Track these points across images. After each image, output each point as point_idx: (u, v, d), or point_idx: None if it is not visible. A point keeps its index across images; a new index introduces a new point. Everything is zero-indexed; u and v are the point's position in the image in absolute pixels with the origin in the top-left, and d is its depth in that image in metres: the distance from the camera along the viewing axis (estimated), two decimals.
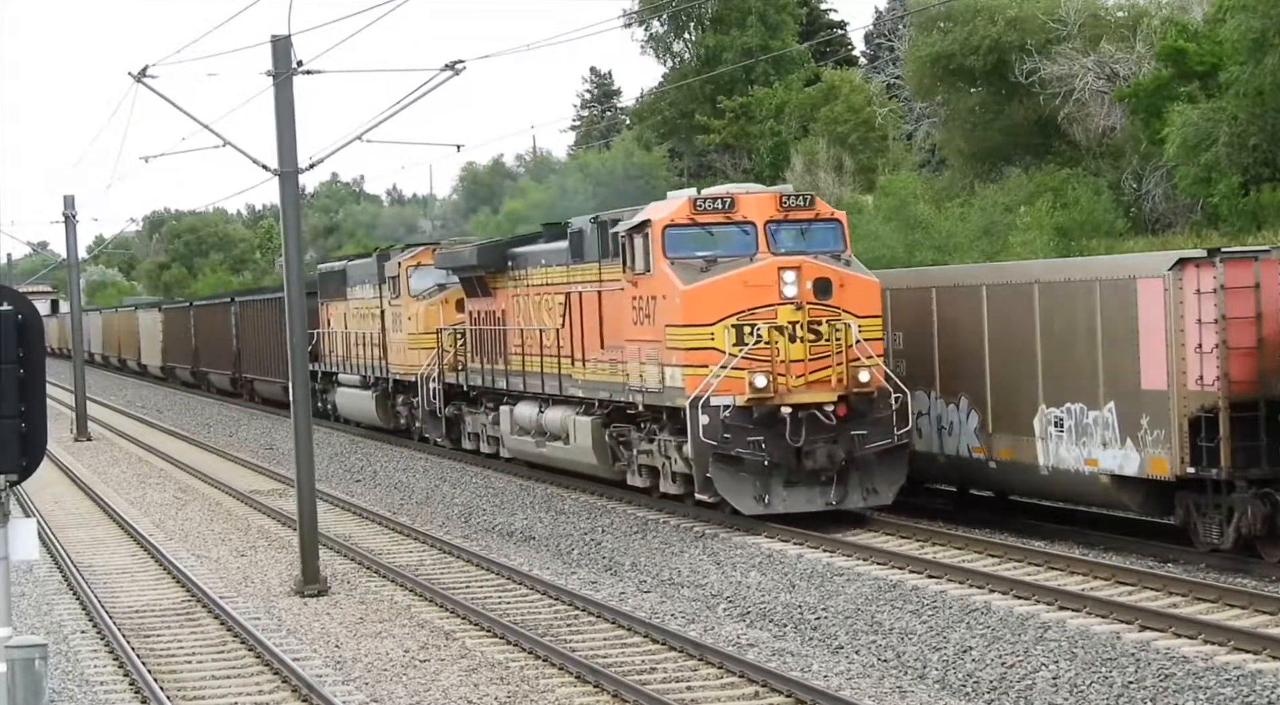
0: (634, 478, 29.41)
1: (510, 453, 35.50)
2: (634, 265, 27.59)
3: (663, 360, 26.98)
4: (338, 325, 49.24)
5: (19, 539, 12.70)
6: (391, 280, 42.71)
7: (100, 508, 35.33)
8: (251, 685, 18.34)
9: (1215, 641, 17.46)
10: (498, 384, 35.41)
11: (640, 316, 27.65)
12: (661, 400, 27.22)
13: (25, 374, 12.19)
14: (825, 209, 27.50)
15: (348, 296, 47.85)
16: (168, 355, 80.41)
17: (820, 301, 26.16)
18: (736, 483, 25.89)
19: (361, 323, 46.10)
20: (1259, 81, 41.17)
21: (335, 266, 51.28)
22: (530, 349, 33.26)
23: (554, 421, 31.94)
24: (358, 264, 47.83)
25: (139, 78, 27.03)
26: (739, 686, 17.06)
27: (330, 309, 50.16)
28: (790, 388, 25.86)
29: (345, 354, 47.95)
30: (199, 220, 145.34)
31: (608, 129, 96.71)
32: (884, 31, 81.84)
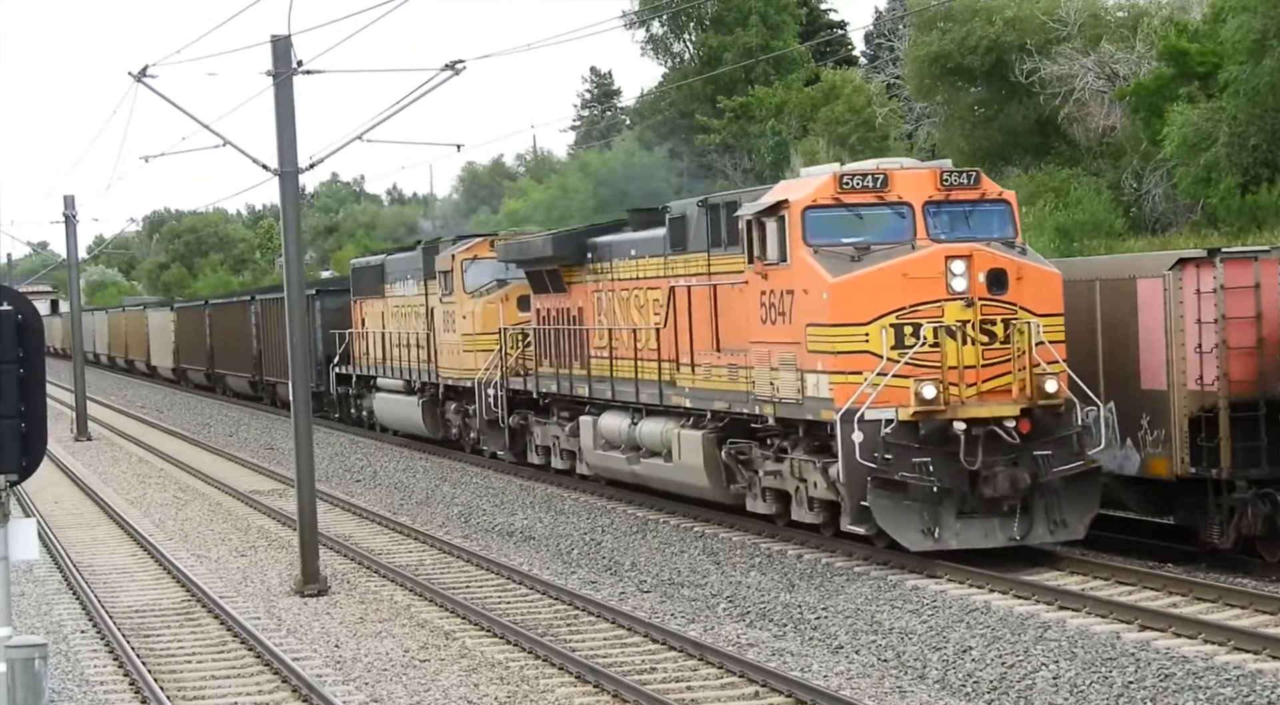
0: (755, 502, 25.57)
1: (592, 470, 31.60)
2: (764, 254, 23.78)
3: (802, 365, 23.16)
4: (374, 325, 45.73)
5: (19, 539, 12.71)
6: (443, 275, 38.70)
7: (100, 508, 35.33)
8: (251, 685, 18.35)
9: (1215, 641, 17.47)
10: (577, 391, 31.64)
11: (772, 314, 23.87)
12: (799, 412, 23.43)
13: (25, 374, 12.20)
14: (992, 187, 23.75)
15: (386, 293, 44.42)
16: (180, 357, 77.14)
17: (994, 297, 22.41)
18: (900, 513, 21.93)
19: (403, 322, 42.63)
20: (1258, 81, 41.19)
21: (371, 261, 47.54)
22: (621, 351, 29.75)
23: (652, 435, 28.27)
24: (398, 258, 44.25)
25: (139, 78, 27.04)
26: (739, 686, 17.07)
27: (365, 307, 46.82)
28: (964, 399, 22.13)
29: (383, 356, 44.58)
30: (199, 220, 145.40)
31: (608, 129, 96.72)
32: (884, 31, 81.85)
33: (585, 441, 31.16)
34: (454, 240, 39.47)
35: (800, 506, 24.07)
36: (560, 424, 33.10)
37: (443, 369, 39.10)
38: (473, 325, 37.15)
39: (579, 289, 31.78)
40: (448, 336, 38.72)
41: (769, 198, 23.91)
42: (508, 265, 35.86)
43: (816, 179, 23.79)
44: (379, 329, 44.89)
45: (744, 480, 25.70)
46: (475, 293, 37.40)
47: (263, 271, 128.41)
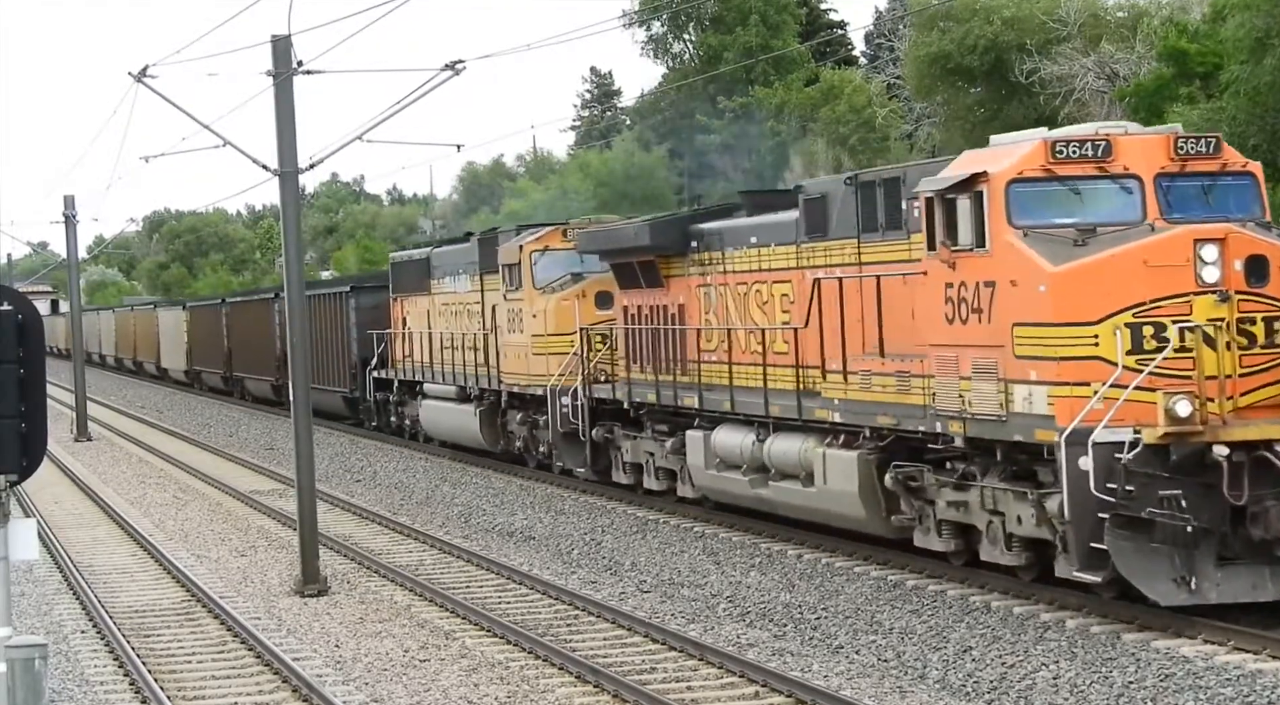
0: (927, 537, 21.47)
1: (702, 492, 27.67)
2: (952, 238, 19.81)
3: (1007, 374, 19.08)
4: (418, 324, 41.81)
5: (19, 539, 12.71)
6: (507, 269, 34.64)
7: (100, 508, 35.33)
8: (251, 685, 18.34)
9: (1215, 641, 17.45)
10: (683, 401, 27.60)
11: (963, 311, 19.83)
12: (1002, 432, 19.29)
13: (25, 374, 12.20)
14: (1235, 157, 19.80)
15: (432, 290, 40.53)
16: (194, 358, 73.06)
17: (1254, 290, 18.51)
18: (1146, 558, 17.85)
19: (454, 321, 38.82)
20: (1259, 81, 41.17)
21: (414, 255, 43.52)
22: (742, 356, 25.91)
23: (786, 454, 24.31)
24: (447, 250, 40.39)
25: (139, 78, 27.05)
26: (739, 686, 17.06)
27: (406, 305, 42.95)
28: (1225, 418, 18.10)
29: (429, 360, 40.44)
30: (199, 220, 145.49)
31: (608, 129, 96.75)
32: (884, 31, 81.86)
33: (694, 460, 27.14)
34: (517, 230, 35.83)
35: (993, 544, 20.10)
36: (657, 439, 29.03)
37: (506, 374, 35.19)
38: (544, 325, 33.30)
39: (679, 283, 28.06)
40: (513, 337, 34.75)
41: (957, 169, 20.08)
42: (582, 257, 32.46)
43: (1021, 146, 19.80)
44: (424, 329, 41.09)
45: (911, 511, 21.55)
46: (546, 288, 33.52)
47: (263, 271, 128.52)
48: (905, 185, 21.37)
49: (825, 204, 23.46)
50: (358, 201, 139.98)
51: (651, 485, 29.60)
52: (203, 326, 70.64)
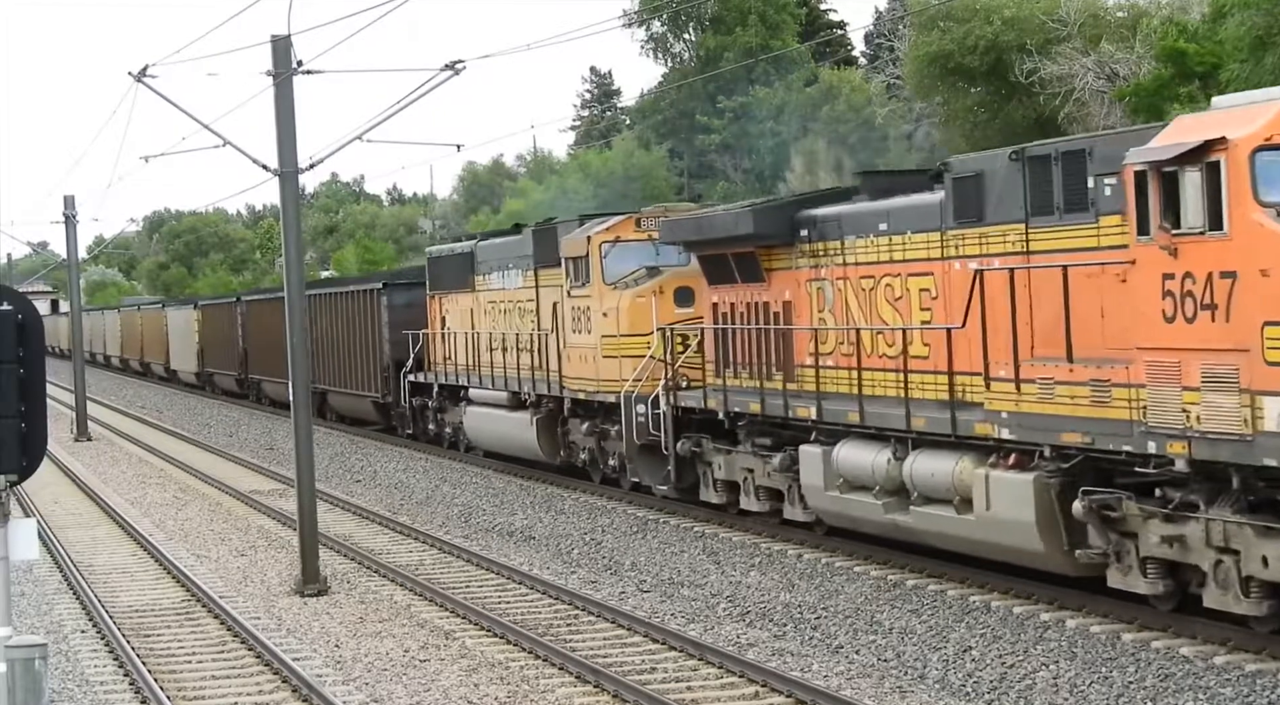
0: (1128, 577, 18.28)
1: (818, 515, 24.26)
2: (1174, 220, 16.70)
3: (1254, 383, 15.89)
4: (459, 324, 38.71)
5: (19, 539, 12.71)
6: (572, 263, 31.39)
7: (100, 508, 35.33)
8: (251, 685, 18.34)
9: (1215, 641, 17.44)
10: (795, 411, 24.18)
11: (1189, 308, 16.61)
12: (1248, 454, 16.06)
13: (25, 374, 12.19)
14: None
15: (476, 286, 37.37)
16: (207, 360, 69.38)
17: None
18: None
19: (503, 320, 35.69)
20: (1259, 80, 41.19)
21: (456, 248, 40.01)
22: (872, 359, 22.73)
23: (933, 476, 20.88)
24: (495, 244, 37.13)
25: (139, 78, 27.05)
26: (739, 686, 17.06)
27: (446, 303, 39.83)
28: None
29: (472, 362, 37.42)
30: (199, 220, 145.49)
31: (608, 129, 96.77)
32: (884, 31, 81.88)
33: (810, 479, 23.75)
34: (580, 220, 32.53)
35: (1223, 589, 16.95)
36: (759, 454, 25.69)
37: (569, 379, 31.88)
38: (616, 324, 30.01)
39: (785, 277, 24.96)
40: (578, 338, 31.43)
41: (1178, 136, 16.87)
42: (658, 248, 29.92)
43: (1264, 107, 16.45)
44: (466, 329, 38.04)
45: (1105, 545, 18.33)
46: (618, 283, 30.27)
47: (263, 271, 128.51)
48: (1092, 159, 18.45)
49: (980, 184, 20.31)
50: (358, 201, 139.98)
51: (750, 506, 26.20)
52: (216, 326, 67.25)
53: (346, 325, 47.22)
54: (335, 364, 49.10)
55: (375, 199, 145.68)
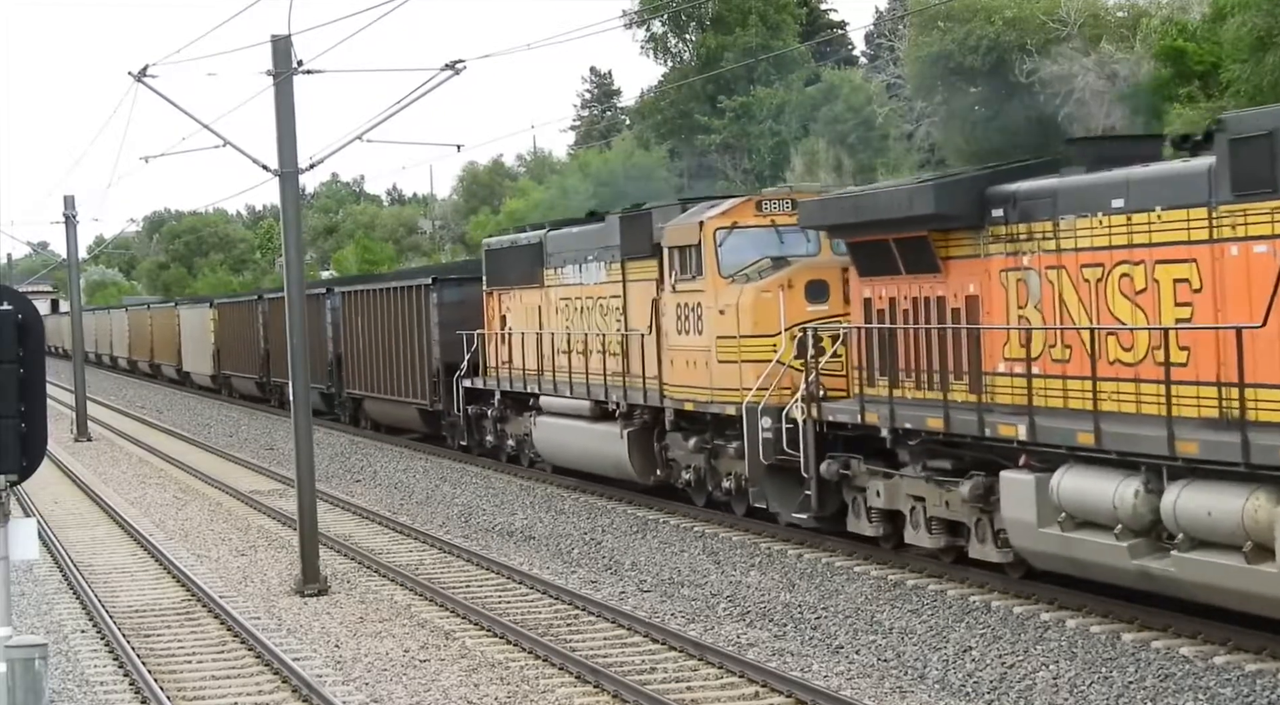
0: None
1: (1024, 555, 20.05)
2: None
3: None
4: (524, 322, 34.89)
5: (19, 539, 12.70)
6: (678, 253, 27.30)
7: (100, 508, 35.33)
8: (251, 685, 18.34)
9: (1215, 641, 17.45)
10: (997, 429, 19.96)
11: None
12: None
13: (25, 374, 12.19)
14: None
15: (546, 281, 33.57)
16: (223, 362, 65.38)
17: None
18: None
19: (580, 319, 31.95)
20: (1260, 80, 41.21)
21: (520, 239, 35.86)
22: (1113, 367, 18.70)
23: (1212, 515, 16.66)
24: (570, 234, 32.95)
25: (139, 78, 27.05)
26: (739, 686, 17.06)
27: (506, 300, 35.99)
28: None
29: (541, 366, 33.46)
30: (199, 220, 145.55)
31: (608, 129, 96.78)
32: (884, 31, 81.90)
33: (1015, 513, 19.56)
34: (682, 204, 28.81)
35: None
36: (935, 481, 21.59)
37: (672, 387, 27.84)
38: (736, 323, 25.83)
39: (968, 266, 21.23)
40: (684, 340, 27.37)
41: None
42: (781, 236, 26.23)
43: None
44: (533, 329, 34.16)
45: None
46: (737, 276, 26.15)
47: (263, 271, 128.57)
48: None
49: (1273, 146, 16.38)
50: (358, 201, 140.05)
51: (919, 541, 22.09)
52: (234, 326, 62.78)
53: (389, 325, 43.27)
54: (374, 368, 44.91)
55: (375, 199, 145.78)
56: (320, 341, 48.96)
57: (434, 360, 40.07)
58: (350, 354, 47.20)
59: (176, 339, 74.85)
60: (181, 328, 73.64)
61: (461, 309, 39.17)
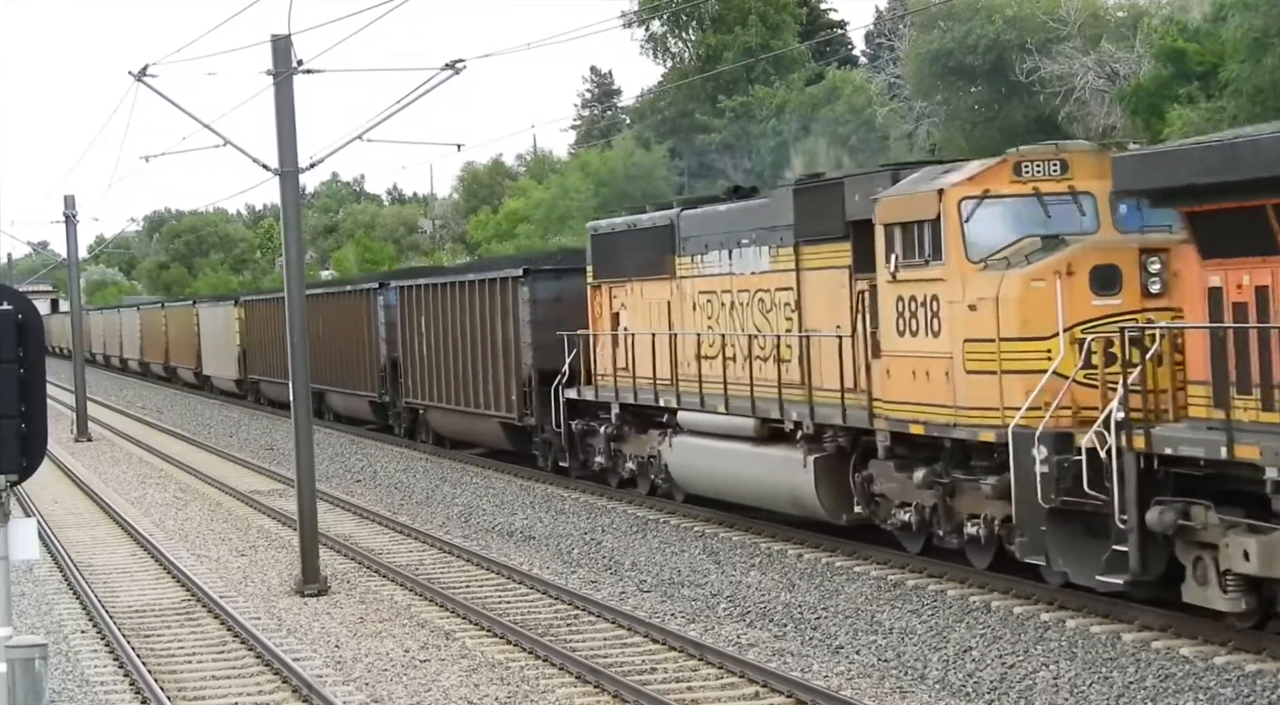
0: None
1: None
2: None
3: None
4: (645, 320, 29.50)
5: (19, 539, 12.70)
6: (903, 230, 21.21)
7: (100, 508, 35.33)
8: (251, 685, 18.34)
9: (1215, 641, 17.45)
10: None
11: None
12: None
13: (25, 374, 12.19)
14: None
15: (678, 271, 28.17)
16: (249, 366, 59.82)
17: None
18: None
19: (729, 317, 26.67)
20: (1259, 80, 41.23)
21: (641, 221, 29.97)
22: None
23: None
24: (714, 212, 27.50)
25: (139, 77, 27.05)
26: (739, 687, 17.06)
27: (620, 295, 30.61)
28: None
29: (675, 375, 28.06)
30: (199, 220, 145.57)
31: (608, 128, 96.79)
32: (884, 31, 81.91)
33: None
34: (892, 172, 22.75)
35: None
36: None
37: (889, 405, 21.91)
38: (995, 322, 19.87)
39: None
40: (909, 343, 21.35)
41: None
42: (1047, 207, 20.51)
43: None
44: (658, 328, 28.88)
45: None
46: (993, 260, 20.26)
47: (262, 271, 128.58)
48: None
49: None
50: (358, 201, 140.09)
51: None
52: (264, 326, 56.32)
53: (462, 325, 37.57)
54: (442, 374, 39.09)
55: (375, 199, 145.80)
56: (369, 343, 44.90)
57: (524, 366, 34.21)
58: (410, 358, 41.18)
59: (195, 340, 69.83)
60: (201, 328, 68.52)
61: (557, 307, 33.36)
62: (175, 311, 76.62)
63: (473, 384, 37.01)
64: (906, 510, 22.22)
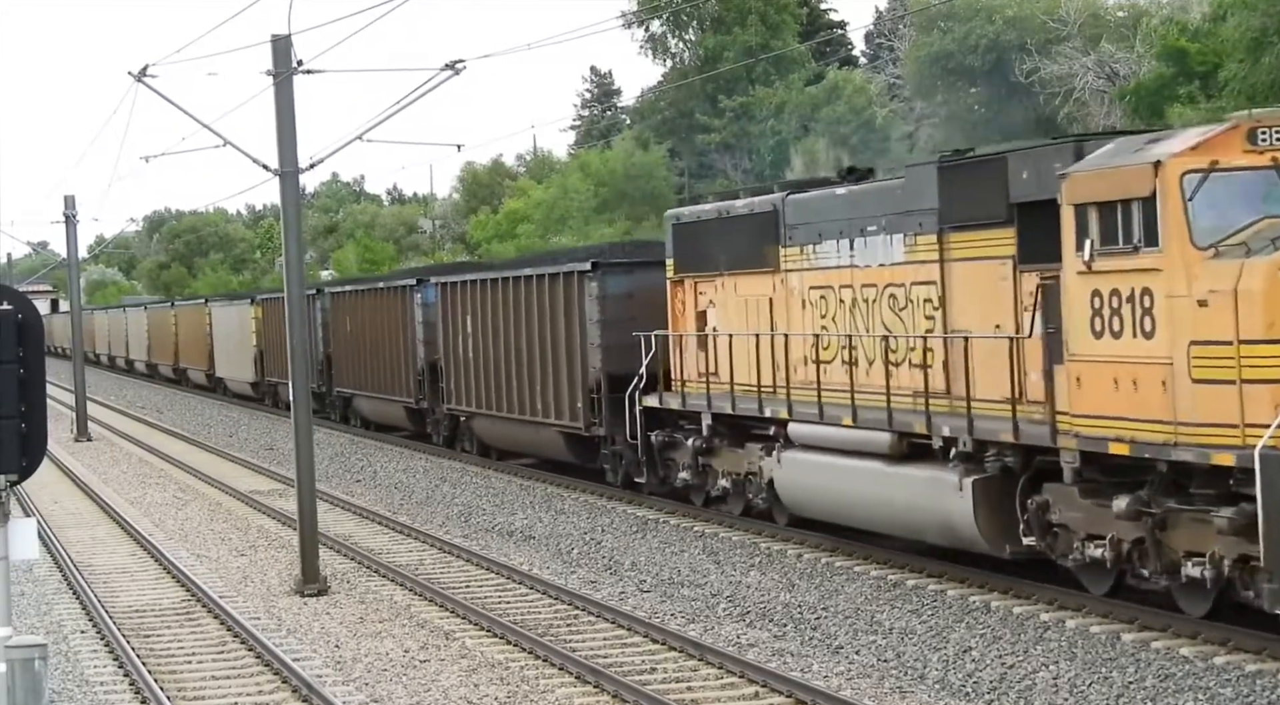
0: None
1: None
2: None
3: None
4: (738, 319, 26.31)
5: (19, 539, 12.71)
6: (1102, 211, 17.97)
7: (100, 508, 35.32)
8: (251, 685, 18.34)
9: (1214, 641, 17.45)
10: None
11: None
12: None
13: (25, 374, 12.20)
14: None
15: (783, 264, 24.92)
16: (267, 367, 56.58)
17: None
18: None
19: (850, 316, 23.46)
20: (1257, 79, 41.25)
21: (735, 207, 26.67)
22: None
23: None
24: (830, 196, 24.18)
25: (139, 77, 27.07)
26: (739, 687, 17.06)
27: (710, 290, 27.38)
28: None
29: (778, 381, 24.93)
30: (199, 220, 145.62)
31: (608, 129, 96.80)
32: (884, 31, 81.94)
33: None
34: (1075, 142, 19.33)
35: None
36: None
37: (1076, 420, 18.56)
38: (1233, 320, 16.68)
39: None
40: (1109, 346, 18.03)
41: None
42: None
43: None
44: (762, 329, 25.64)
45: None
46: (1224, 246, 17.08)
47: (262, 271, 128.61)
48: None
49: None
50: (358, 201, 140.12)
51: None
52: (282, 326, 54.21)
53: (515, 324, 34.35)
54: (488, 377, 35.97)
55: (375, 199, 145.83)
56: (405, 345, 42.01)
57: (591, 370, 30.96)
58: (453, 361, 38.08)
59: (207, 340, 66.69)
60: (214, 328, 65.37)
61: (630, 303, 30.36)
62: (186, 311, 73.55)
63: (528, 390, 33.74)
64: (1097, 544, 18.69)
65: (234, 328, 61.21)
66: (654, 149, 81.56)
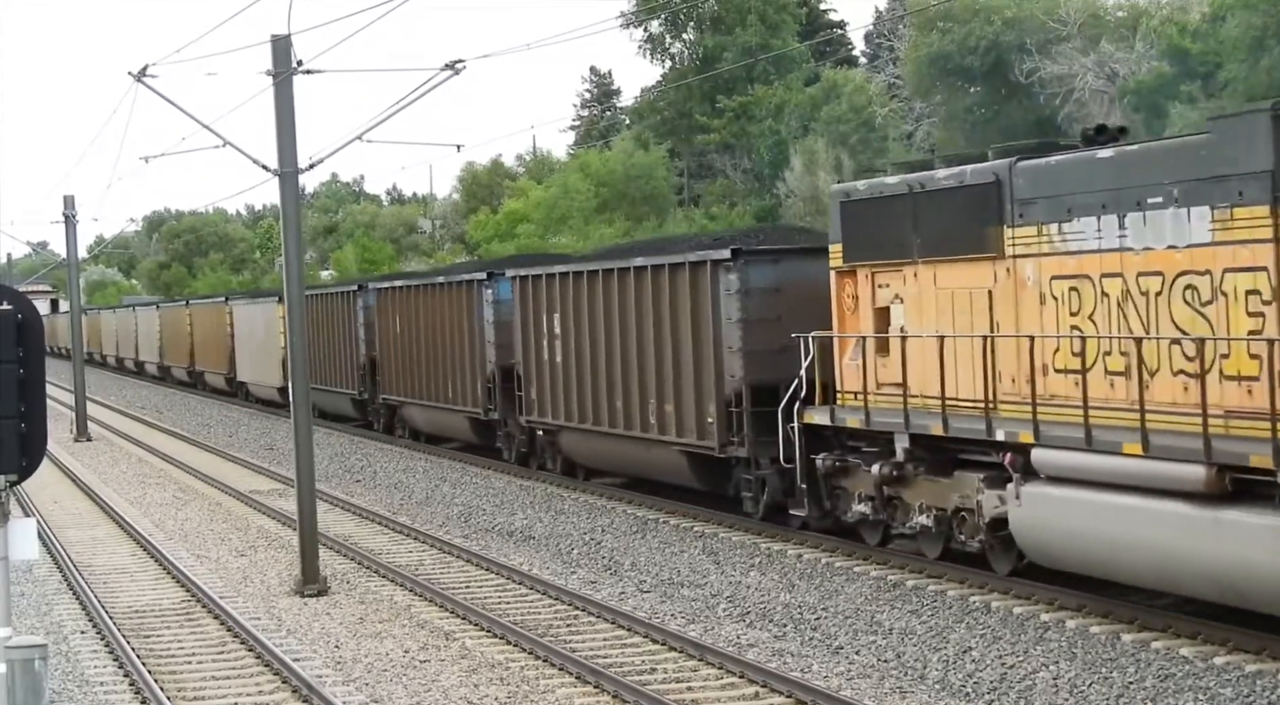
0: None
1: None
2: None
3: None
4: (949, 318, 21.41)
5: (19, 539, 12.71)
6: None
7: (100, 508, 35.32)
8: (251, 686, 18.34)
9: (1214, 642, 17.45)
10: None
11: None
12: None
13: (25, 374, 12.19)
14: None
15: (1007, 247, 20.10)
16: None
17: None
18: None
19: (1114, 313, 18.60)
20: (1256, 79, 41.29)
21: (936, 179, 21.64)
22: None
23: None
24: (1084, 159, 19.25)
25: (139, 77, 27.06)
26: (739, 687, 17.06)
27: (896, 282, 22.56)
28: None
29: (996, 395, 20.34)
30: (199, 220, 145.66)
31: (608, 129, 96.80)
32: (884, 31, 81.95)
33: None
34: None
35: None
36: None
37: None
38: None
39: None
40: None
41: None
42: None
43: None
44: (978, 329, 20.81)
45: None
46: None
47: (262, 271, 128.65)
48: None
49: None
50: (358, 201, 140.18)
51: None
52: (318, 327, 48.50)
53: (619, 324, 29.70)
54: (580, 387, 31.37)
55: (375, 199, 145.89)
56: (472, 348, 37.29)
57: (728, 380, 26.21)
58: (534, 367, 33.24)
59: (228, 342, 61.92)
60: (235, 329, 60.46)
61: (777, 299, 25.71)
62: (203, 310, 68.57)
63: (639, 402, 29.03)
64: None
65: (259, 328, 56.01)
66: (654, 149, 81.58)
